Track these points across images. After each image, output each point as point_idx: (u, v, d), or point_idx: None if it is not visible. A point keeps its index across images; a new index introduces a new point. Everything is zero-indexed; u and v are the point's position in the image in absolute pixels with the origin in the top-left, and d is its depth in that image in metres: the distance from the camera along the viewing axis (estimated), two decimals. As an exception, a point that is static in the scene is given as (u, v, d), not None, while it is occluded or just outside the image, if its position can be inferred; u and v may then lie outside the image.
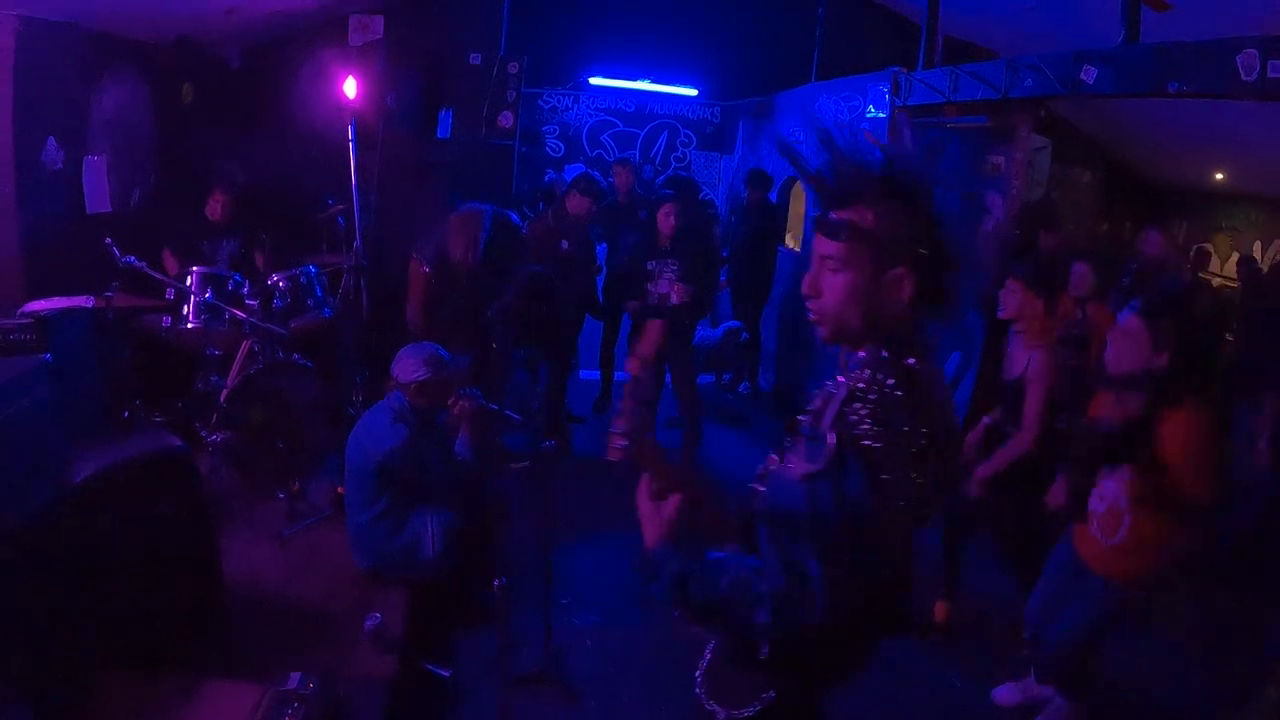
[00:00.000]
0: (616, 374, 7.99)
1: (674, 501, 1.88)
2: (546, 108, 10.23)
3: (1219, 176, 10.99)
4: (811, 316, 1.86)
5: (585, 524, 5.56)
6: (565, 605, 4.64)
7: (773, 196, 8.92)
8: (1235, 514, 4.98)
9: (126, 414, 5.20)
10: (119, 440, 3.71)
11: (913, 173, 1.77)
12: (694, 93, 10.47)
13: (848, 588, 1.63)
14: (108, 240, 4.98)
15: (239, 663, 3.60)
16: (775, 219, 8.74)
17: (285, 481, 5.09)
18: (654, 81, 10.33)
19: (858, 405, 1.65)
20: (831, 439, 1.63)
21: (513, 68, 7.63)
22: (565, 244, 6.99)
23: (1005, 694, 4.25)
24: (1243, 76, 4.36)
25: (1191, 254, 10.84)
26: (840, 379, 1.76)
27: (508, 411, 4.62)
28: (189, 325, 5.26)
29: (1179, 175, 11.48)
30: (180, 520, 3.62)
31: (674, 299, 6.26)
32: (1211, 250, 11.15)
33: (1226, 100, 4.78)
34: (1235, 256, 11.08)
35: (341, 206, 6.11)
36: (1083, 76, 5.28)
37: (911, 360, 1.73)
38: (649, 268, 6.33)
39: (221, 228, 6.20)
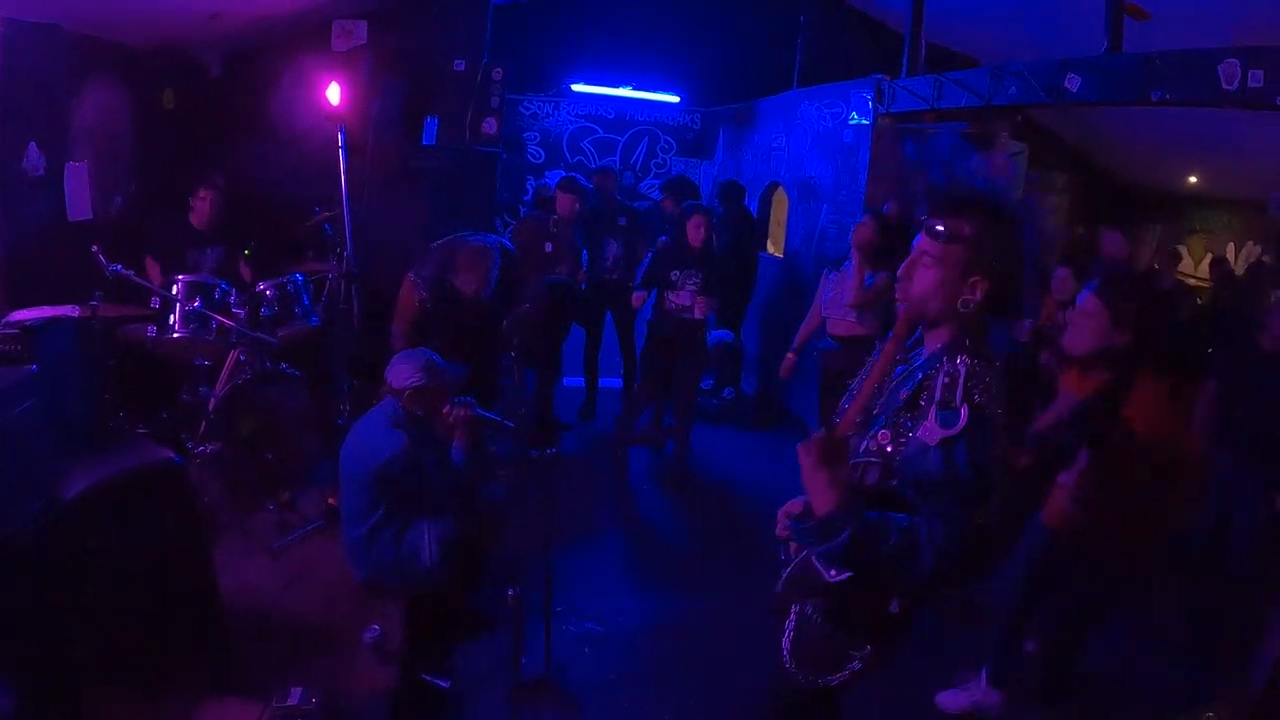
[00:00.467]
0: (601, 380, 7.99)
1: (845, 467, 2.08)
2: (527, 114, 10.22)
3: (1192, 180, 11.16)
4: (898, 297, 2.25)
5: (577, 530, 5.56)
6: (560, 613, 4.63)
7: (750, 205, 8.96)
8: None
9: (112, 425, 5.14)
10: (110, 453, 3.67)
11: (1008, 203, 2.19)
12: (676, 99, 10.49)
13: (974, 534, 1.97)
14: (94, 249, 4.90)
15: (237, 679, 3.56)
16: (753, 226, 8.78)
17: (275, 493, 5.05)
18: (636, 88, 10.34)
19: (975, 383, 2.04)
20: (965, 409, 2.00)
21: (496, 74, 7.60)
22: (549, 247, 7.00)
23: (950, 699, 4.21)
24: (1224, 85, 4.44)
25: (1164, 255, 10.97)
26: (960, 360, 2.09)
27: (501, 419, 4.60)
28: (175, 334, 5.17)
29: (1153, 179, 11.65)
30: (175, 535, 3.59)
31: (696, 313, 6.29)
32: (1183, 252, 11.30)
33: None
34: (1209, 258, 11.24)
35: (328, 214, 6.05)
36: (1066, 85, 5.34)
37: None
38: (672, 277, 6.33)
39: (206, 235, 6.11)
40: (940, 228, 2.14)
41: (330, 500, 4.90)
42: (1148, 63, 4.80)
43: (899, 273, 2.23)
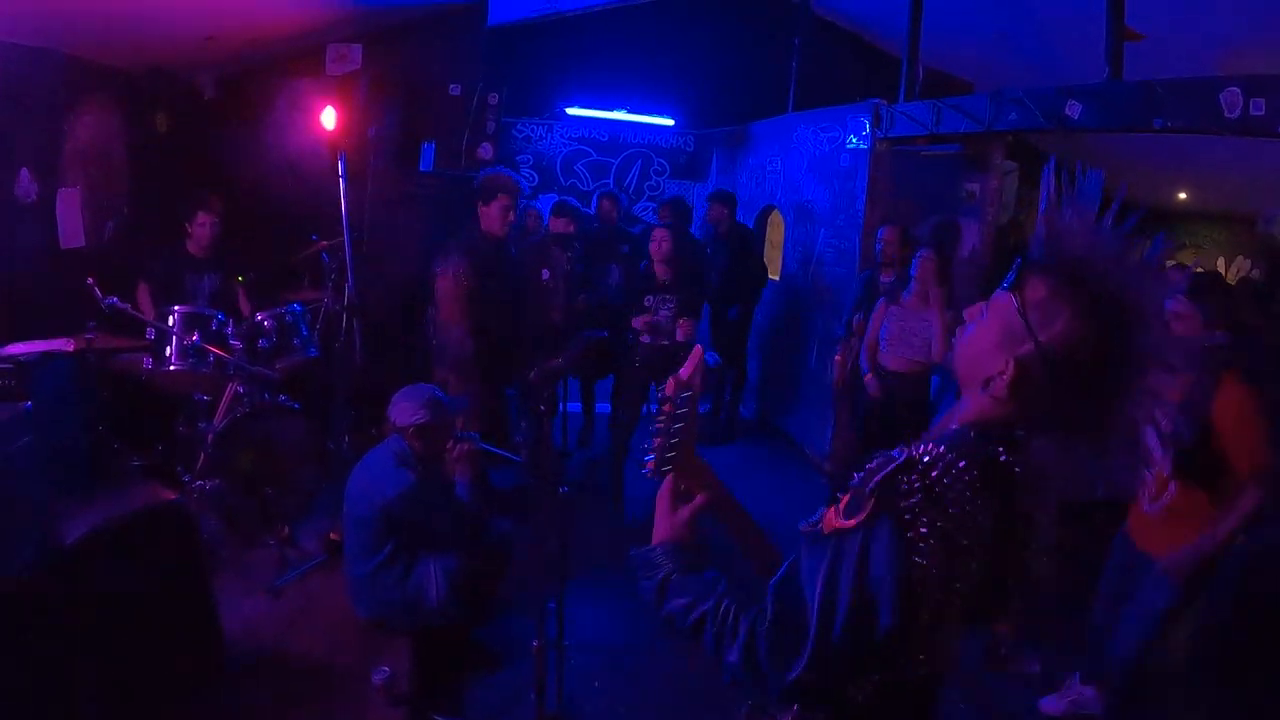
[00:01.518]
0: (598, 406, 7.94)
1: (696, 504, 1.86)
2: (520, 137, 10.18)
3: (1182, 196, 11.21)
4: (953, 341, 1.78)
5: (581, 561, 5.49)
6: (569, 646, 4.56)
7: (748, 216, 8.92)
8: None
9: (107, 459, 5.06)
10: (110, 493, 3.61)
11: (1114, 280, 1.55)
12: (670, 122, 10.47)
13: (838, 658, 1.51)
14: (90, 281, 4.82)
15: (242, 721, 3.50)
16: (751, 246, 8.73)
17: (274, 527, 4.97)
18: (631, 111, 10.32)
19: (913, 476, 1.49)
20: (870, 502, 1.49)
21: (492, 99, 7.55)
22: (546, 274, 6.95)
23: (1052, 704, 4.34)
24: (1226, 114, 4.44)
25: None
26: (905, 448, 1.57)
27: (506, 453, 4.54)
28: (172, 367, 5.09)
29: (1143, 195, 11.69)
30: (177, 578, 3.53)
31: (679, 336, 6.22)
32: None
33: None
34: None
35: (326, 243, 5.99)
36: (1068, 111, 5.34)
37: (1001, 449, 1.56)
38: (646, 303, 6.28)
39: (203, 261, 6.02)
40: (1013, 275, 1.64)
41: (332, 535, 4.82)
42: (1149, 90, 4.80)
43: (966, 314, 1.76)
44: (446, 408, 4.18)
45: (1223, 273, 11.03)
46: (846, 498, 1.55)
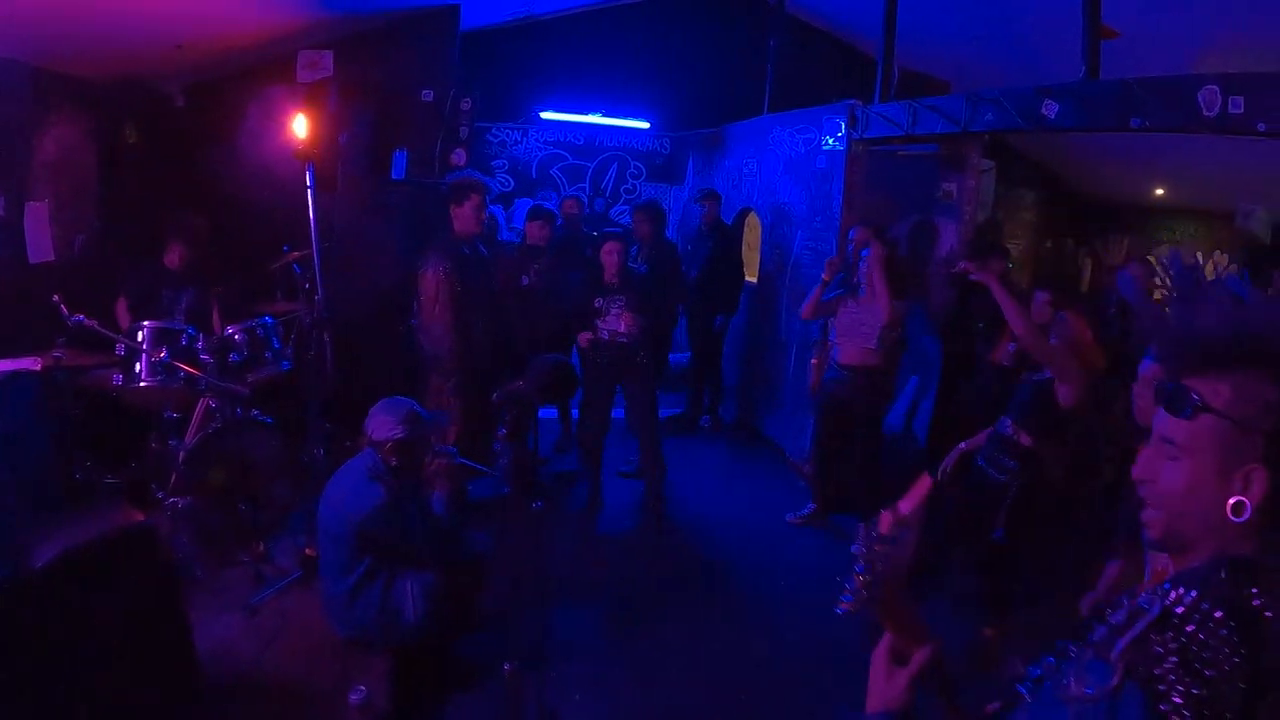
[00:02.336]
0: (573, 412, 7.87)
1: (919, 663, 1.60)
2: (495, 142, 10.13)
3: (1159, 192, 11.25)
4: (1144, 497, 1.49)
5: (559, 574, 5.44)
6: (548, 659, 4.51)
7: (725, 218, 8.89)
8: None
9: (78, 477, 4.97)
10: (78, 517, 3.53)
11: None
12: (646, 125, 10.45)
13: None
14: (55, 298, 4.72)
15: (217, 747, 3.43)
16: (731, 244, 8.70)
17: (249, 544, 4.90)
18: (606, 115, 10.28)
19: (1169, 636, 1.26)
20: (1119, 670, 1.27)
21: (465, 104, 7.51)
22: (525, 280, 6.89)
23: None
24: (1204, 112, 4.41)
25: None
26: (1155, 594, 1.35)
27: (482, 467, 4.48)
28: (142, 383, 4.99)
29: (1119, 191, 11.75)
30: (149, 601, 3.45)
31: (621, 327, 6.16)
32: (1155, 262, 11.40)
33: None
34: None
35: (297, 254, 5.91)
36: (1044, 111, 5.32)
37: (1255, 591, 1.30)
38: (596, 305, 6.24)
39: (180, 275, 5.95)
40: (1181, 399, 1.40)
41: (308, 551, 4.75)
42: (1126, 89, 4.78)
43: (1135, 473, 1.50)
44: (425, 423, 4.12)
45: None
46: (1087, 655, 1.36)
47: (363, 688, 3.70)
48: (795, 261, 7.96)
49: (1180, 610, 1.28)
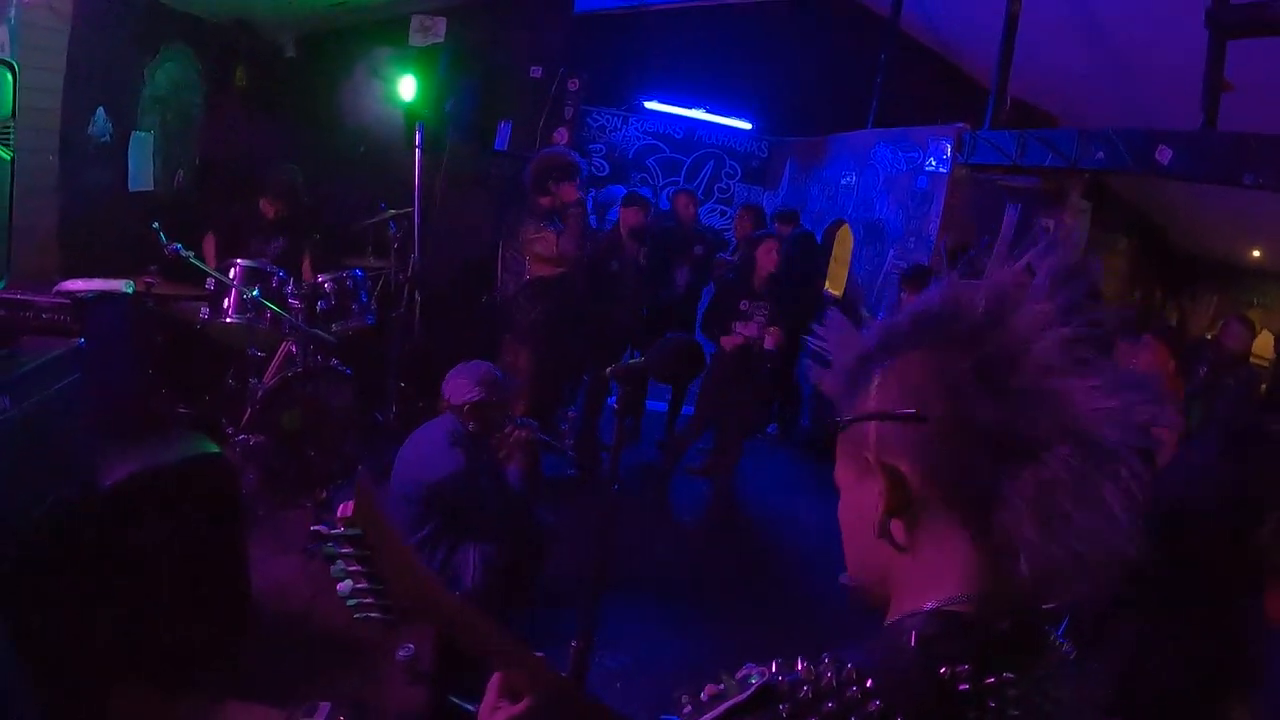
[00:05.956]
0: (648, 404, 7.81)
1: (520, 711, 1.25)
2: (595, 126, 10.11)
3: (1256, 254, 10.91)
4: None
5: (617, 561, 5.39)
6: (596, 645, 4.48)
7: (814, 230, 8.79)
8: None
9: (154, 404, 5.03)
10: (153, 442, 3.55)
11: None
12: (747, 126, 10.37)
13: None
14: (155, 225, 4.78)
15: (261, 685, 3.42)
16: (815, 257, 8.61)
17: (312, 490, 4.92)
18: (708, 111, 10.23)
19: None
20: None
21: (572, 84, 7.49)
22: (614, 264, 6.83)
23: None
24: (1320, 176, 4.28)
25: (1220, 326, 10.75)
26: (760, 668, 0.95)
27: (559, 444, 4.45)
28: (228, 319, 5.04)
29: (1214, 247, 11.43)
30: (212, 533, 3.45)
31: (768, 344, 6.12)
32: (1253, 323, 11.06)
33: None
34: (1264, 334, 10.96)
35: (394, 212, 5.93)
36: (1158, 156, 5.17)
37: (965, 668, 0.85)
38: (742, 307, 6.19)
39: (272, 225, 5.99)
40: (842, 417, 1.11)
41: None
42: (1242, 143, 4.64)
43: None
44: (503, 386, 4.06)
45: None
46: None
47: (410, 645, 3.68)
48: (885, 279, 7.85)
49: (798, 687, 0.88)
